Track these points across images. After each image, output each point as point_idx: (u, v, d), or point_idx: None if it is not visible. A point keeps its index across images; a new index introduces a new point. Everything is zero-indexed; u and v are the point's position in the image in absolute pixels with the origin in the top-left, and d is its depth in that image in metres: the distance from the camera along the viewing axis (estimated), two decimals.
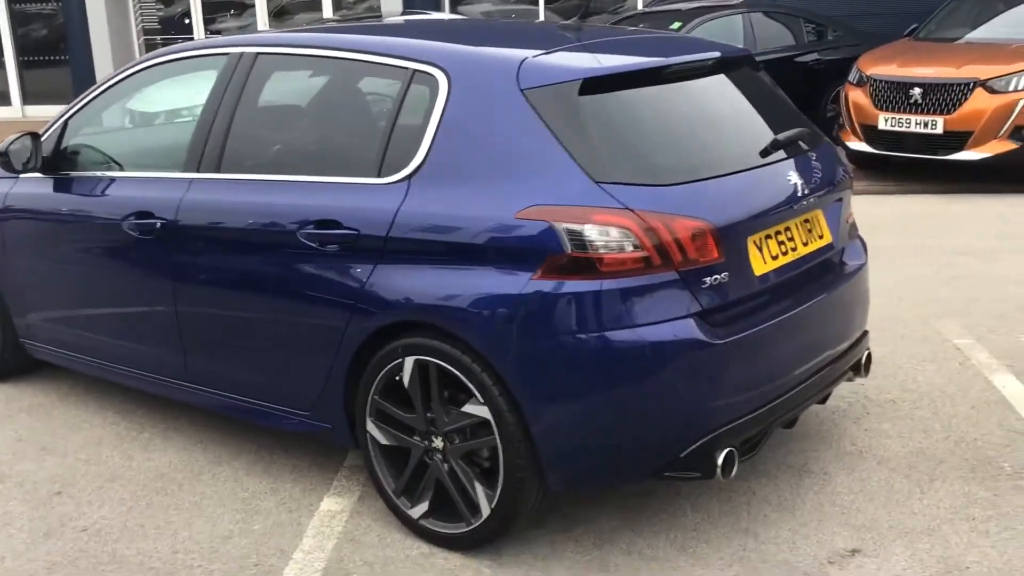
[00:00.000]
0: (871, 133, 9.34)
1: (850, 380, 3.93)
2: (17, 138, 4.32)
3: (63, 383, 4.94)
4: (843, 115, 9.73)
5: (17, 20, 15.69)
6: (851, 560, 3.28)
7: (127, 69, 4.33)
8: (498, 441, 3.16)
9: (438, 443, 3.35)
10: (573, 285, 3.02)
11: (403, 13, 12.97)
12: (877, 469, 3.85)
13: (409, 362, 3.31)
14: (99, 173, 4.32)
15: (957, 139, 8.81)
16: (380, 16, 13.17)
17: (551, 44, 3.51)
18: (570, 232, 3.01)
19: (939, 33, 10.07)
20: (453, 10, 14.54)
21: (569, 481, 3.23)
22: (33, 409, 4.69)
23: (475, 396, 3.18)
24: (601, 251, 3.00)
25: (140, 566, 3.38)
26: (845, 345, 3.74)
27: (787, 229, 3.46)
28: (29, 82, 15.70)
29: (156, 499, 3.82)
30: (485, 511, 3.27)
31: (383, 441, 3.48)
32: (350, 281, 3.38)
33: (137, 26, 15.04)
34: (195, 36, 14.82)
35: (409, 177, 3.32)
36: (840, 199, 3.77)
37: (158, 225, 3.90)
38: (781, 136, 3.52)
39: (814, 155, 3.71)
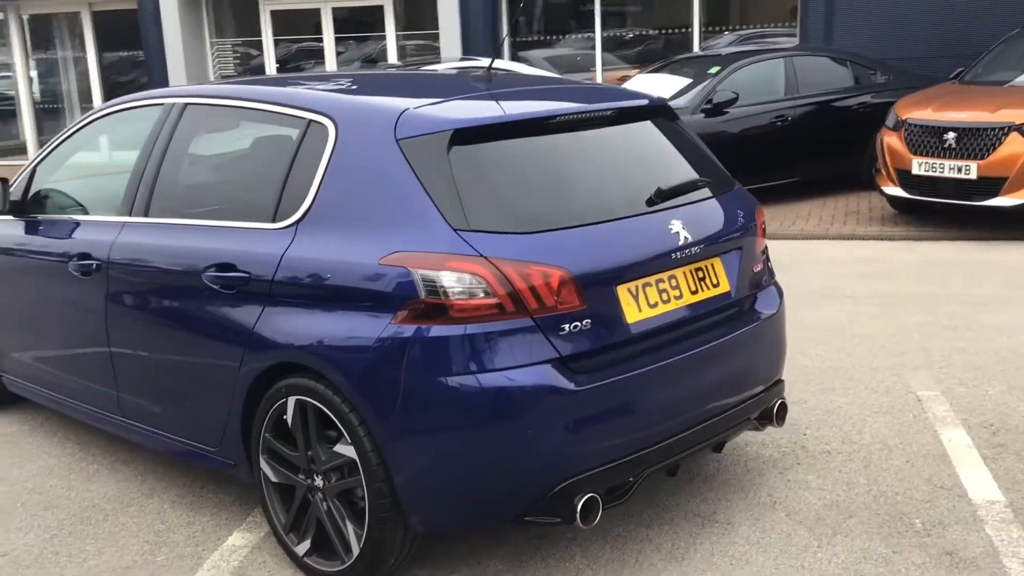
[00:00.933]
0: (906, 178, 9.14)
1: (758, 429, 3.89)
2: None
3: (39, 414, 5.21)
4: (879, 159, 9.54)
5: (106, 68, 16.56)
6: None
7: (84, 119, 4.59)
8: (363, 481, 3.24)
9: (318, 481, 3.44)
10: (428, 330, 3.09)
11: (460, 59, 13.26)
12: (784, 521, 3.79)
13: (291, 402, 3.42)
14: (59, 216, 4.57)
15: (991, 185, 8.56)
16: (438, 61, 13.46)
17: (446, 95, 3.61)
18: (425, 278, 3.09)
19: (985, 76, 9.82)
20: (513, 56, 14.79)
21: (429, 523, 3.28)
22: (1, 438, 4.96)
23: (344, 436, 3.27)
24: (453, 297, 3.07)
25: None
26: (746, 395, 3.71)
27: (671, 277, 3.47)
28: None
29: (79, 528, 3.99)
30: (355, 550, 3.34)
31: (273, 479, 3.59)
32: (243, 323, 3.52)
33: (215, 74, 15.70)
34: None
35: (297, 223, 3.45)
36: (740, 248, 3.75)
37: (94, 266, 4.12)
38: (666, 186, 3.54)
39: (713, 204, 3.72)
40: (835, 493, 3.99)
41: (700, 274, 3.58)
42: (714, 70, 10.40)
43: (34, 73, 17.19)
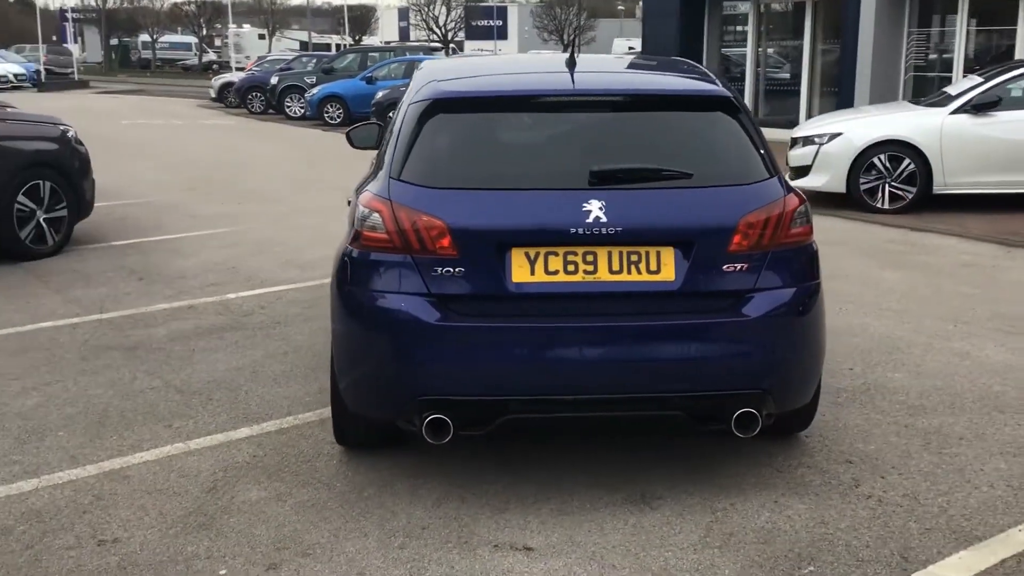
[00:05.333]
0: None
1: (717, 430, 3.80)
2: (363, 125, 6.37)
3: None
4: None
5: (816, 56, 17.61)
6: (518, 554, 3.56)
7: None
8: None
9: None
10: (352, 251, 3.96)
11: None
12: (704, 492, 3.78)
13: None
14: None
15: None
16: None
17: (501, 73, 4.35)
18: (360, 212, 3.95)
19: None
20: None
21: (352, 403, 4.08)
22: None
23: None
24: (363, 229, 3.88)
25: (219, 394, 5.22)
26: (673, 387, 3.72)
27: (588, 253, 3.69)
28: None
29: (272, 368, 5.59)
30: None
31: None
32: None
33: (906, 63, 15.69)
34: (954, 71, 14.99)
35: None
36: (696, 243, 3.70)
37: None
38: (597, 167, 3.74)
39: (670, 194, 3.79)
40: (810, 457, 3.74)
41: (634, 257, 3.70)
42: None
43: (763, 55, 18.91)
